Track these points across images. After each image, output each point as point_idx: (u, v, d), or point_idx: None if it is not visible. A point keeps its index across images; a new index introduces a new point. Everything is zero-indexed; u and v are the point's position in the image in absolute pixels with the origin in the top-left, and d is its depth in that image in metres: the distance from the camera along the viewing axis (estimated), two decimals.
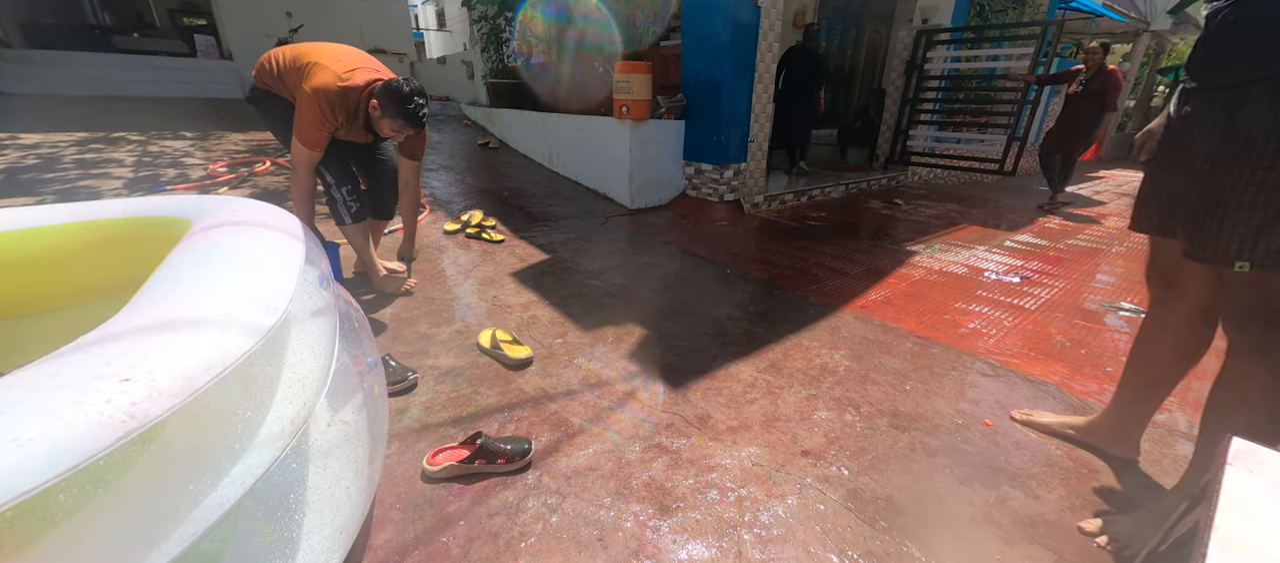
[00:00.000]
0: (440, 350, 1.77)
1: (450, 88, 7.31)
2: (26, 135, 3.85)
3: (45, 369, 0.57)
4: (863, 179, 5.20)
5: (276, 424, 0.76)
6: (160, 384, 0.58)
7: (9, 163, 3.30)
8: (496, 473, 1.21)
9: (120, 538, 0.56)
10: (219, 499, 0.65)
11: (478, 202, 3.62)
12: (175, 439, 0.60)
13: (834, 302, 2.33)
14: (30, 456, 0.48)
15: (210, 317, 0.71)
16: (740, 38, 3.41)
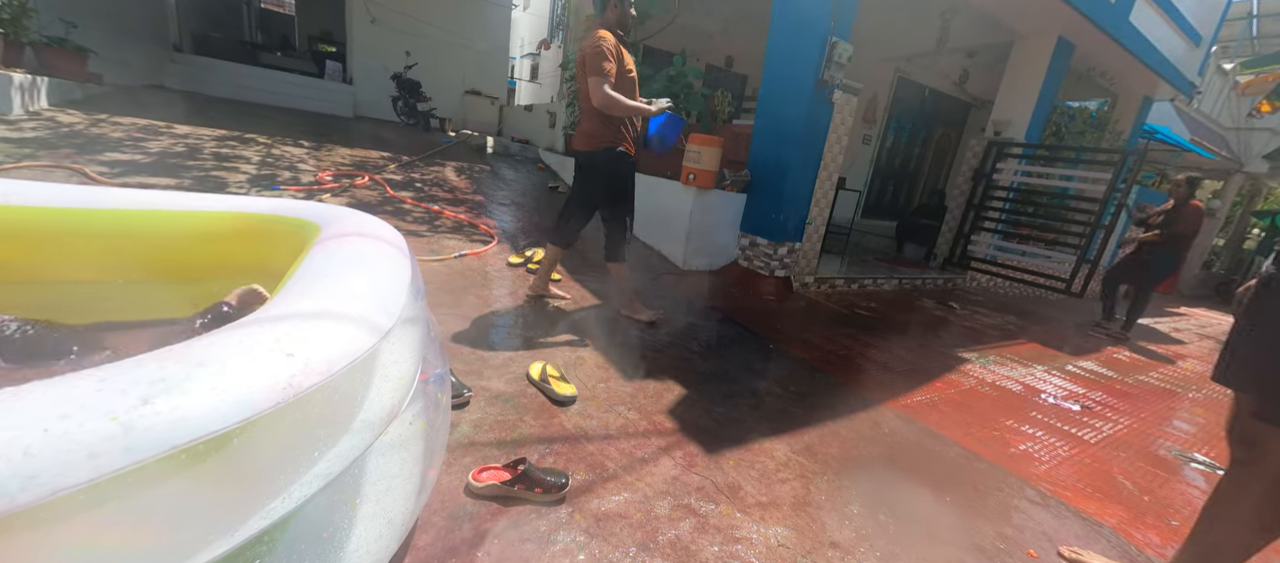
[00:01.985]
0: (493, 374, 1.89)
1: (531, 133, 7.93)
2: (179, 126, 4.52)
3: (235, 336, 0.71)
4: (918, 277, 5.13)
5: (373, 414, 0.88)
6: (312, 363, 0.71)
7: (162, 148, 3.87)
8: (533, 501, 1.28)
9: (258, 484, 0.68)
10: (326, 470, 0.77)
11: (541, 240, 3.86)
12: (311, 410, 0.73)
13: (876, 395, 2.30)
14: (222, 402, 0.61)
15: (347, 313, 0.85)
16: (812, 128, 3.59)
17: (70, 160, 3.18)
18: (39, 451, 0.48)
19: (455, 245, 3.35)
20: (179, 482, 0.59)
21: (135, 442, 0.53)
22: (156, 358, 0.62)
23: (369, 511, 0.98)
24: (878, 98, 7.49)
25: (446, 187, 4.83)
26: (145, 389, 0.56)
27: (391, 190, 4.19)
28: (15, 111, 3.72)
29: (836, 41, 3.37)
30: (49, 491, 0.48)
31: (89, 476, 0.50)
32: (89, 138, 3.69)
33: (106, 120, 4.16)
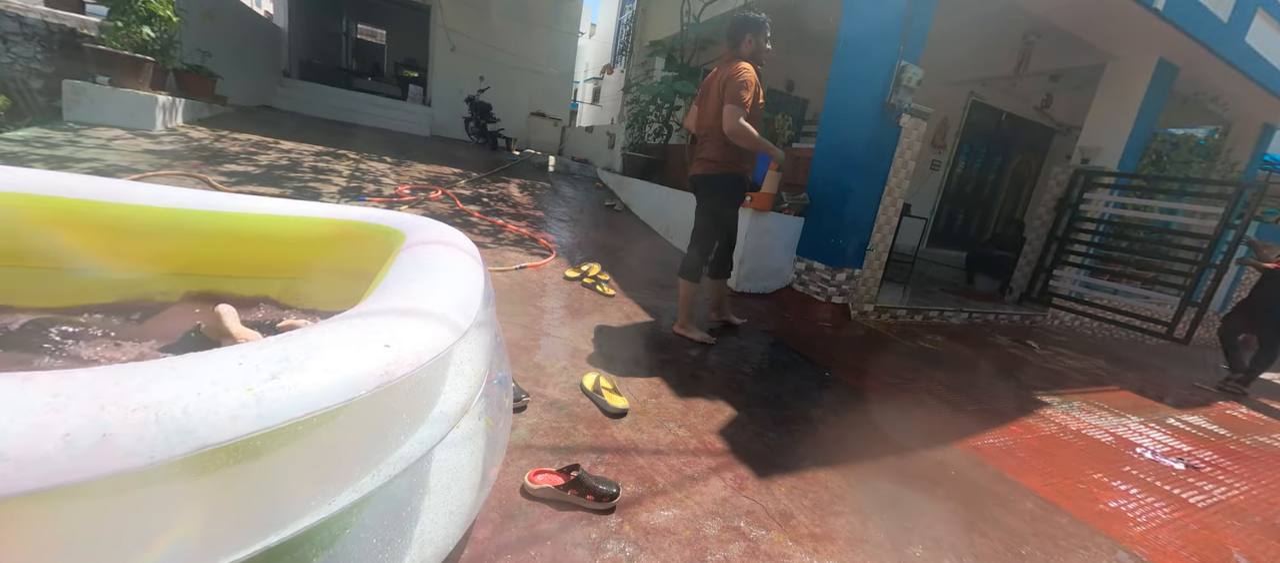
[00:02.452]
0: (549, 382, 1.96)
1: (590, 153, 8.21)
2: (284, 142, 5.06)
3: (344, 325, 0.80)
4: (991, 311, 4.79)
5: (449, 407, 0.95)
6: (404, 355, 0.78)
7: (269, 161, 4.36)
8: (585, 508, 1.31)
9: (353, 460, 0.75)
10: (407, 454, 0.83)
11: (596, 256, 3.97)
12: (400, 397, 0.80)
13: (943, 434, 2.17)
14: (332, 382, 0.68)
15: (432, 312, 0.93)
16: (876, 152, 3.50)
17: (197, 170, 3.65)
18: (194, 411, 0.57)
19: (516, 258, 3.51)
20: (293, 450, 0.68)
21: (265, 411, 0.61)
22: (283, 341, 0.71)
23: (437, 499, 1.05)
24: (948, 122, 7.16)
25: (510, 202, 5.09)
26: (274, 366, 0.65)
27: (460, 204, 4.47)
28: (157, 128, 4.32)
29: (905, 65, 3.28)
30: (199, 445, 0.56)
31: (229, 436, 0.58)
32: (213, 151, 4.21)
33: (227, 136, 4.74)
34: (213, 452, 0.58)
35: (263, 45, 7.66)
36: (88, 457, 0.50)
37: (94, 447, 0.51)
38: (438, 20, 8.63)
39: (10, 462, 0.48)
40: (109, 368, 0.58)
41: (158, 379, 0.58)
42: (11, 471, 0.48)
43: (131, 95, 4.17)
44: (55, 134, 3.70)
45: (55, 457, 0.49)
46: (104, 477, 0.51)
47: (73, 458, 0.50)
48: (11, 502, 0.49)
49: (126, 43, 4.18)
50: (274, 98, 7.58)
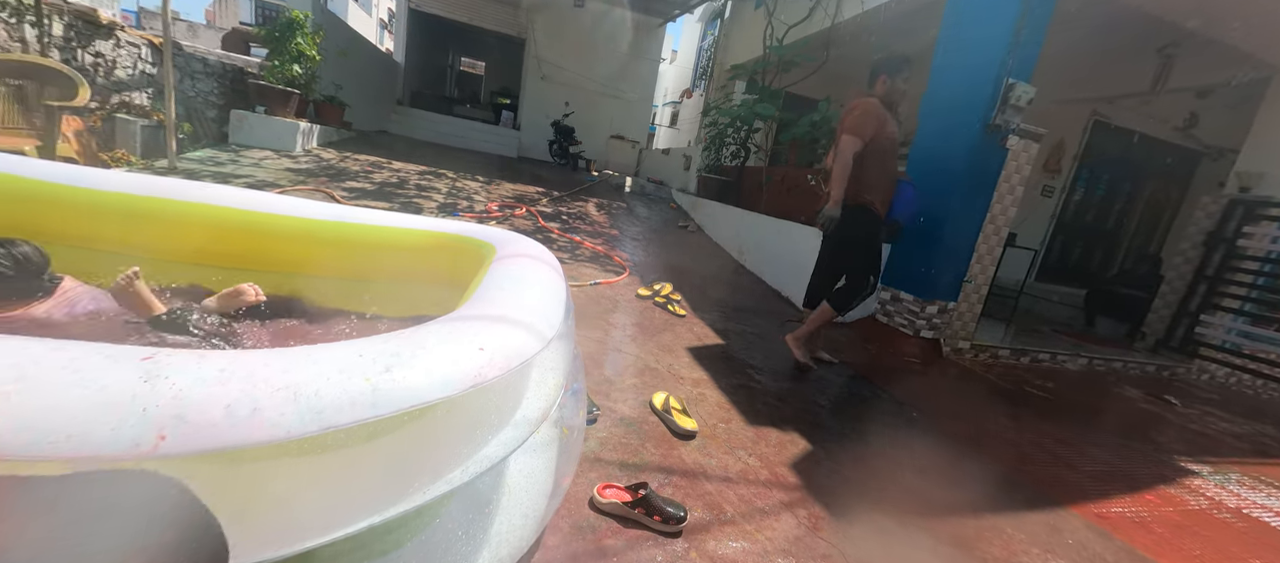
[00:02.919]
0: (619, 397, 1.98)
1: (666, 174, 8.34)
2: (395, 162, 5.66)
3: (443, 328, 0.87)
4: (1117, 358, 4.17)
5: (530, 413, 0.99)
6: (496, 359, 0.84)
7: (382, 179, 4.88)
8: (651, 528, 1.30)
9: (447, 454, 0.81)
10: (491, 455, 0.88)
11: (668, 275, 3.99)
12: (490, 399, 0.85)
13: (1055, 495, 1.90)
14: (433, 380, 0.74)
15: (520, 320, 0.99)
16: (978, 176, 3.22)
17: (325, 186, 4.18)
18: (324, 394, 0.65)
19: (591, 274, 3.63)
20: (397, 438, 0.74)
21: (378, 400, 0.68)
22: (395, 337, 0.79)
23: (514, 501, 1.09)
24: (1065, 144, 6.44)
25: (588, 220, 5.28)
26: (387, 360, 0.72)
27: (542, 221, 4.72)
28: (297, 150, 5.02)
29: (1014, 82, 3.02)
30: (326, 424, 0.64)
31: (349, 419, 0.65)
32: (338, 170, 4.81)
33: (350, 157, 5.40)
34: (335, 433, 0.65)
35: (383, 77, 8.67)
36: (243, 425, 0.59)
37: (248, 417, 0.59)
38: (531, 51, 9.30)
39: (187, 425, 0.57)
40: (260, 351, 0.68)
41: (297, 364, 0.66)
42: (187, 432, 0.57)
43: (280, 122, 4.89)
44: (222, 154, 4.43)
45: (220, 423, 0.58)
46: (253, 444, 0.59)
47: (232, 425, 0.59)
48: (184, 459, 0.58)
49: (279, 79, 4.94)
50: (389, 123, 8.53)
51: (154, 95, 4.34)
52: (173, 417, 0.57)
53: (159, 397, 0.58)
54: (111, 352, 0.61)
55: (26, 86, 2.76)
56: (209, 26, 15.17)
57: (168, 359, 0.62)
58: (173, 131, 3.78)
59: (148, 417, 0.56)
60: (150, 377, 0.59)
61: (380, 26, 20.83)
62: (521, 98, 9.72)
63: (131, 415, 0.56)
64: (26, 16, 3.24)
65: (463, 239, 1.79)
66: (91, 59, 3.83)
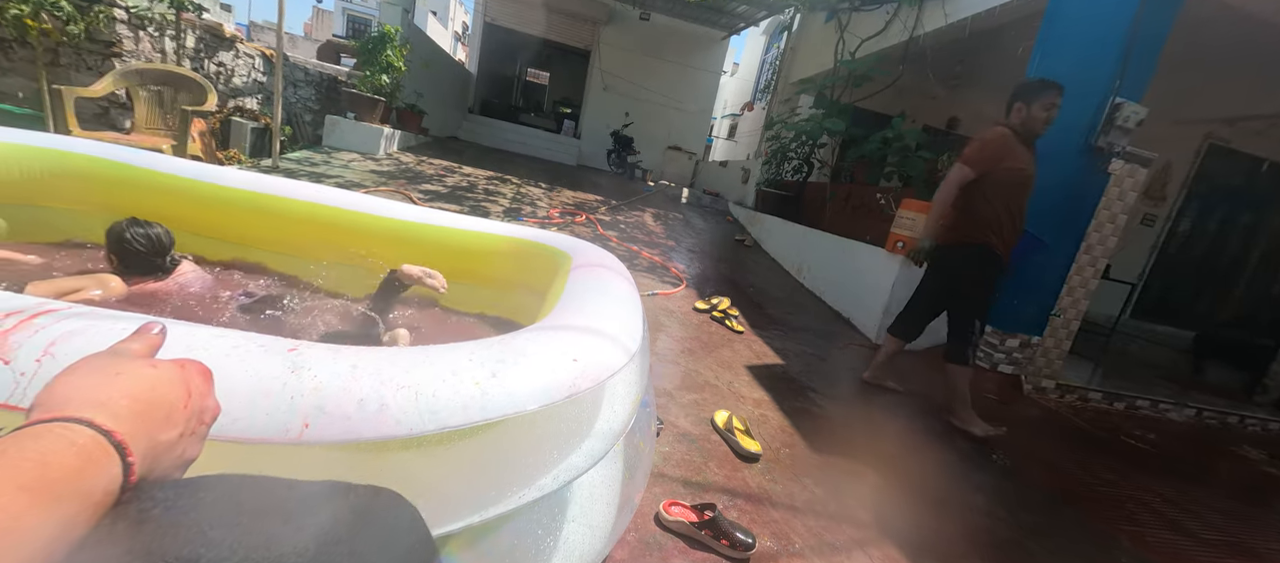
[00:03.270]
0: (680, 413, 1.97)
1: (723, 187, 8.27)
2: (465, 167, 5.96)
3: (541, 336, 0.90)
4: (1232, 412, 3.69)
5: (612, 425, 1.00)
6: (589, 370, 0.85)
7: (454, 183, 5.15)
8: (719, 552, 1.27)
9: (537, 459, 0.83)
10: (576, 464, 0.89)
11: (726, 290, 3.94)
12: (581, 409, 0.87)
13: (1147, 552, 1.70)
14: (533, 388, 0.77)
15: (609, 333, 1.00)
16: (1073, 202, 2.97)
17: (403, 188, 4.46)
18: (440, 395, 0.68)
19: (649, 284, 3.64)
20: (497, 442, 0.77)
21: (488, 404, 0.70)
22: (499, 343, 0.82)
23: (586, 511, 1.10)
24: (1172, 169, 5.82)
25: (645, 230, 5.32)
26: (494, 366, 0.75)
27: (601, 229, 4.80)
28: (380, 153, 5.40)
29: (1122, 102, 2.77)
30: (440, 425, 0.67)
31: (460, 421, 0.68)
32: (415, 173, 5.12)
33: (425, 161, 5.73)
34: (448, 433, 0.68)
35: (457, 86, 9.18)
36: (373, 420, 0.63)
37: (377, 412, 0.63)
38: (595, 63, 9.55)
39: (326, 415, 0.61)
40: (387, 350, 0.73)
41: (418, 364, 0.70)
42: (326, 422, 0.61)
43: (367, 128, 5.28)
44: (316, 156, 4.83)
45: (353, 416, 0.62)
46: (381, 438, 0.63)
47: (363, 419, 0.63)
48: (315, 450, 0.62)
49: (369, 87, 5.34)
50: (460, 130, 9.01)
51: (263, 101, 4.81)
52: (314, 407, 0.62)
53: (303, 387, 0.63)
54: (264, 342, 0.67)
55: (165, 92, 3.14)
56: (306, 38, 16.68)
57: (309, 352, 0.68)
58: (277, 134, 4.16)
59: (295, 405, 0.61)
60: (297, 368, 0.64)
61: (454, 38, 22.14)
62: (583, 107, 9.99)
63: (283, 403, 0.61)
64: (168, 31, 3.69)
65: (538, 246, 1.84)
66: (215, 68, 4.30)
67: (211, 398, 0.40)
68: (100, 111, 3.44)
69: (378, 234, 1.93)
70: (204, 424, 0.38)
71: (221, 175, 1.92)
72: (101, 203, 1.82)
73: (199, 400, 0.38)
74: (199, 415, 0.37)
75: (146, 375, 0.34)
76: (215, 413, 0.40)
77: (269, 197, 1.89)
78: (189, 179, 1.85)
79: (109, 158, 1.83)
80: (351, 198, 1.96)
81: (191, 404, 0.36)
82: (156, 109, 3.11)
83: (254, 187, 1.90)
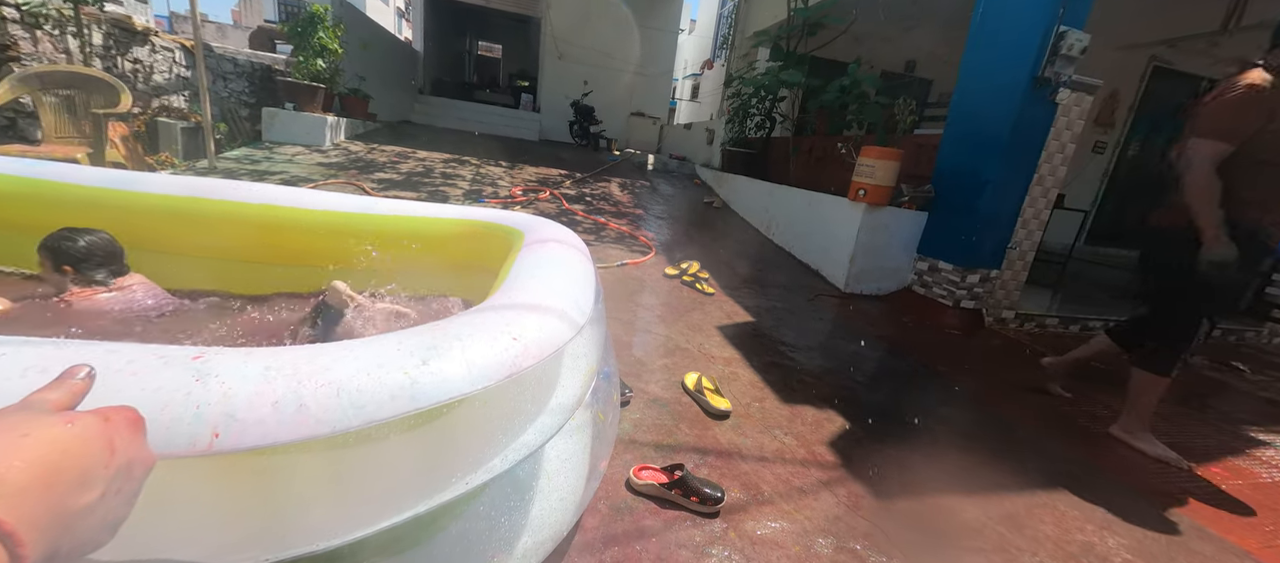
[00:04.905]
0: (650, 379, 1.98)
1: (689, 150, 8.18)
2: (420, 151, 5.74)
3: (476, 318, 0.87)
4: None
5: (565, 399, 0.99)
6: (530, 348, 0.83)
7: (409, 169, 4.96)
8: (688, 509, 1.30)
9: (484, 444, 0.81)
10: (528, 442, 0.88)
11: (696, 253, 3.94)
12: (525, 387, 0.85)
13: (1112, 469, 1.82)
14: (470, 371, 0.74)
15: (552, 308, 0.98)
16: (1023, 135, 3.03)
17: (355, 179, 4.27)
18: (365, 389, 0.65)
19: (617, 254, 3.61)
20: (436, 430, 0.75)
21: (418, 393, 0.68)
22: (429, 329, 0.79)
23: (551, 485, 1.10)
24: (1119, 95, 5.98)
25: (611, 200, 5.25)
26: (424, 353, 0.72)
27: (567, 204, 4.71)
28: (326, 144, 5.14)
29: (1066, 30, 2.79)
30: (367, 419, 0.64)
31: (389, 413, 0.66)
32: (366, 162, 4.91)
33: (377, 149, 5.49)
34: (378, 426, 0.66)
35: (403, 67, 8.74)
36: (290, 422, 0.60)
37: (295, 413, 0.60)
38: (547, 30, 9.18)
39: (238, 422, 0.58)
40: (304, 348, 0.69)
41: (339, 360, 0.67)
42: (238, 429, 0.58)
43: (309, 118, 5.00)
44: (257, 152, 4.57)
45: (268, 420, 0.59)
46: (301, 439, 0.60)
47: (279, 422, 0.60)
48: (234, 456, 0.60)
49: (305, 74, 5.03)
50: (412, 113, 8.63)
51: (190, 98, 4.49)
52: (224, 415, 0.58)
53: (210, 395, 0.59)
54: (164, 352, 0.63)
55: (75, 96, 2.89)
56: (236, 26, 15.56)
57: (216, 358, 0.64)
58: (210, 132, 3.91)
59: (201, 415, 0.58)
60: (202, 375, 0.61)
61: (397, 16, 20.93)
62: (540, 79, 9.66)
63: (186, 413, 0.57)
64: (68, 28, 3.38)
65: (491, 226, 1.79)
66: (130, 66, 3.98)
67: (143, 449, 0.36)
68: (6, 123, 3.16)
69: (326, 229, 1.84)
70: (133, 480, 0.34)
71: (146, 182, 1.79)
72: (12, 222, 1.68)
73: (125, 454, 0.33)
74: (126, 471, 0.33)
75: (58, 436, 0.30)
76: (148, 465, 0.36)
77: (204, 201, 1.78)
78: (109, 189, 1.72)
79: (13, 174, 1.68)
80: (296, 194, 1.86)
81: (116, 461, 0.33)
82: (66, 115, 2.87)
83: (185, 191, 1.78)
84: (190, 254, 1.85)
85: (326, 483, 0.69)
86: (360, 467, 0.70)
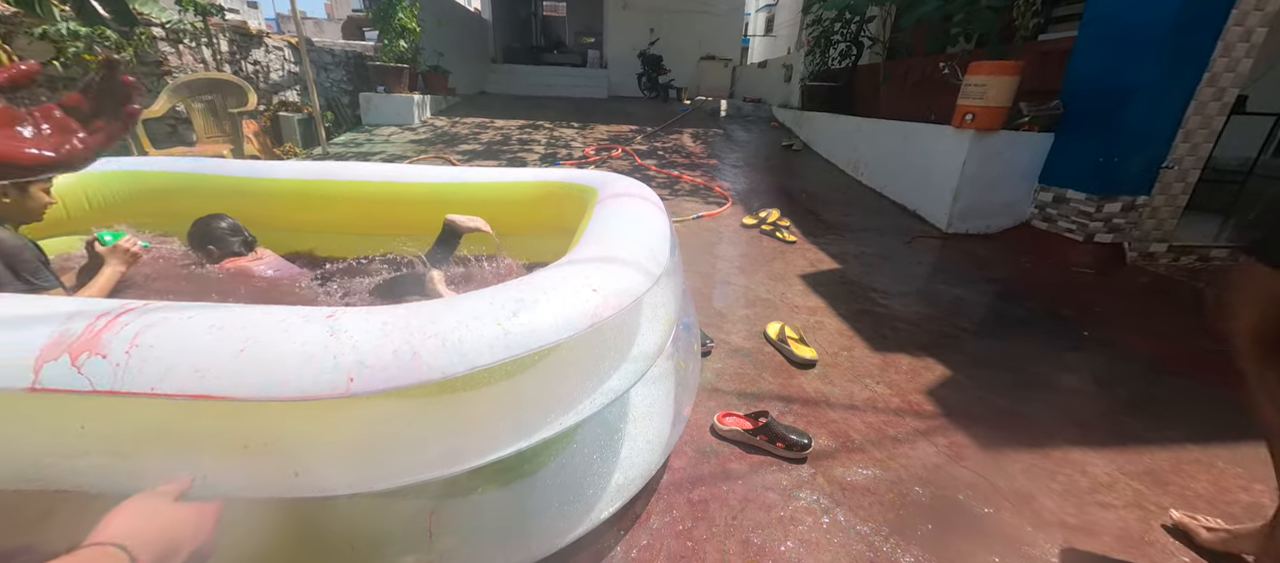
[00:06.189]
0: (732, 329, 1.97)
1: (764, 90, 7.69)
2: (497, 120, 5.96)
3: (559, 272, 0.91)
4: None
5: (646, 348, 1.01)
6: (609, 298, 0.86)
7: (489, 138, 5.18)
8: (774, 454, 1.30)
9: (572, 390, 0.86)
10: (613, 387, 0.92)
11: (775, 201, 3.76)
12: (606, 337, 0.89)
13: None
14: (556, 321, 0.78)
15: (629, 260, 0.99)
16: (1193, 21, 2.44)
17: (442, 152, 4.56)
18: (465, 339, 0.71)
19: (692, 207, 3.55)
20: (531, 375, 0.80)
21: (511, 342, 0.73)
22: (517, 285, 0.84)
23: (639, 429, 1.15)
24: None
25: (684, 152, 5.13)
26: (514, 306, 0.77)
27: (639, 159, 4.68)
28: (415, 122, 5.50)
29: None
30: (469, 366, 0.71)
31: (488, 360, 0.72)
32: (450, 135, 5.20)
33: (459, 122, 5.79)
34: (480, 372, 0.72)
35: (475, 38, 8.99)
36: (408, 368, 0.68)
37: (411, 361, 0.68)
38: None
39: (367, 369, 0.67)
40: (413, 305, 0.77)
41: (442, 314, 0.74)
42: (368, 375, 0.67)
43: (398, 98, 5.37)
44: (360, 135, 5.02)
45: (390, 367, 0.67)
46: (418, 383, 0.68)
47: (400, 368, 0.68)
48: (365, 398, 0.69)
49: (391, 56, 5.36)
50: (487, 83, 8.92)
51: (301, 91, 5.00)
52: (355, 363, 0.67)
53: (343, 347, 0.68)
54: (305, 312, 0.73)
55: (215, 100, 3.35)
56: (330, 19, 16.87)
57: (345, 316, 0.73)
58: (319, 121, 4.35)
59: (338, 363, 0.67)
60: (335, 331, 0.70)
61: None
62: (605, 33, 9.46)
63: (327, 363, 0.67)
64: (202, 39, 3.87)
65: (567, 186, 1.84)
66: (252, 67, 4.50)
67: (211, 532, 0.55)
68: (169, 129, 3.75)
69: (422, 201, 2.00)
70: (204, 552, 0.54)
71: (276, 169, 2.06)
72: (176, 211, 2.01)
73: (202, 534, 0.53)
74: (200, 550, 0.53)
75: (170, 518, 0.51)
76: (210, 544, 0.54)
77: (321, 183, 2.00)
78: (249, 178, 2.00)
79: (175, 171, 2.00)
80: (395, 170, 2.03)
81: (198, 538, 0.52)
82: (211, 118, 3.33)
83: (305, 175, 2.02)
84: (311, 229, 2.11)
85: (437, 421, 0.77)
86: (464, 407, 0.78)
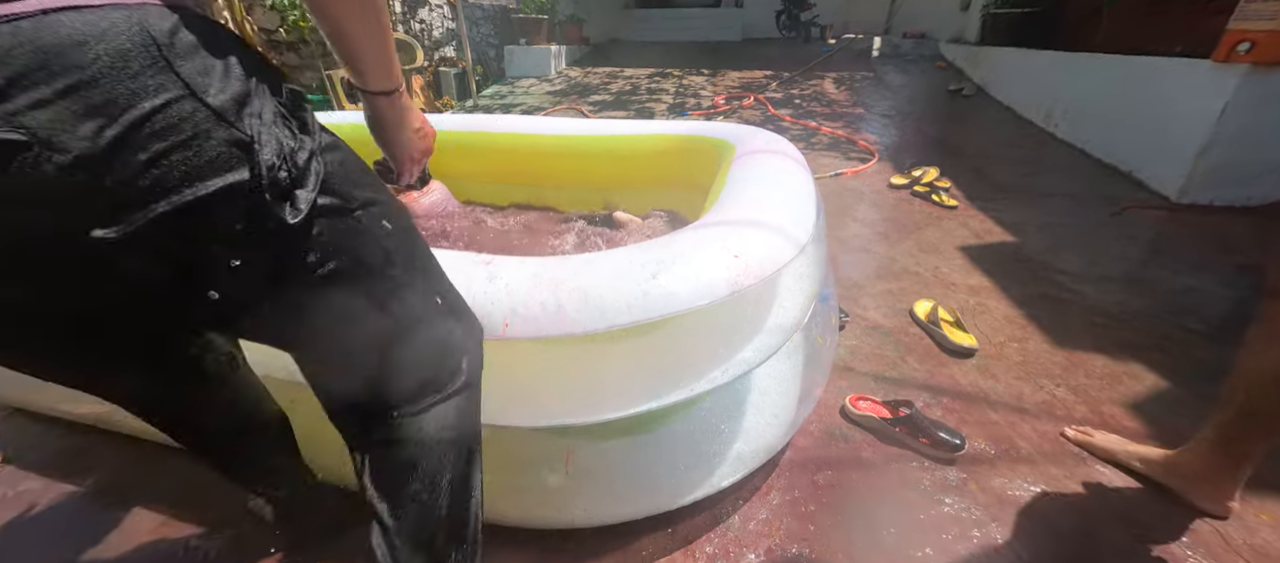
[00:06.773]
0: (869, 303, 1.78)
1: (930, 23, 6.55)
2: (628, 69, 5.95)
3: (698, 235, 0.87)
4: None
5: (784, 320, 0.94)
6: (751, 266, 0.80)
7: (619, 89, 5.21)
8: (914, 449, 1.17)
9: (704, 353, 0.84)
10: (747, 358, 0.88)
11: (934, 157, 3.24)
12: (746, 305, 0.84)
13: None
14: (695, 287, 0.75)
15: (773, 225, 0.91)
16: None
17: (575, 104, 4.70)
18: (607, 296, 0.72)
19: (831, 163, 3.23)
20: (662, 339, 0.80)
21: (650, 304, 0.72)
22: (657, 245, 0.82)
23: (766, 401, 1.10)
24: None
25: (824, 101, 4.64)
26: (655, 268, 0.76)
27: (772, 109, 4.35)
28: (552, 74, 5.73)
29: None
30: (609, 324, 0.71)
31: (626, 320, 0.72)
32: (584, 86, 5.33)
33: (591, 72, 5.90)
34: (619, 330, 0.73)
35: None
36: (553, 320, 0.71)
37: (556, 313, 0.71)
38: None
39: (520, 317, 0.71)
40: (558, 258, 0.79)
41: (584, 270, 0.75)
42: (520, 323, 0.71)
43: (537, 50, 5.61)
44: (503, 87, 5.39)
45: (539, 318, 0.71)
46: (561, 335, 0.71)
47: (546, 319, 0.71)
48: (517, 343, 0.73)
49: (532, 7, 5.57)
50: (618, 31, 8.89)
51: (457, 47, 5.47)
52: (509, 309, 0.72)
53: (498, 292, 0.73)
54: (468, 256, 0.80)
55: None
56: None
57: (499, 263, 0.78)
58: (471, 75, 4.74)
59: (496, 307, 0.72)
60: (492, 277, 0.75)
61: None
62: None
63: (486, 305, 0.72)
64: None
65: (699, 139, 1.76)
66: (418, 26, 5.00)
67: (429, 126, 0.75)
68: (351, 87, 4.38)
69: (556, 152, 2.08)
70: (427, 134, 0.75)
71: (437, 122, 2.29)
72: None
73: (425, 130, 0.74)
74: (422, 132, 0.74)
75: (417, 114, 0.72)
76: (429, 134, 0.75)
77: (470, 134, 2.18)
78: None
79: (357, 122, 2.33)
80: (535, 123, 2.13)
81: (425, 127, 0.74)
82: None
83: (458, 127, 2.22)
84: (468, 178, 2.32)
85: (576, 375, 0.81)
86: (602, 363, 0.80)
